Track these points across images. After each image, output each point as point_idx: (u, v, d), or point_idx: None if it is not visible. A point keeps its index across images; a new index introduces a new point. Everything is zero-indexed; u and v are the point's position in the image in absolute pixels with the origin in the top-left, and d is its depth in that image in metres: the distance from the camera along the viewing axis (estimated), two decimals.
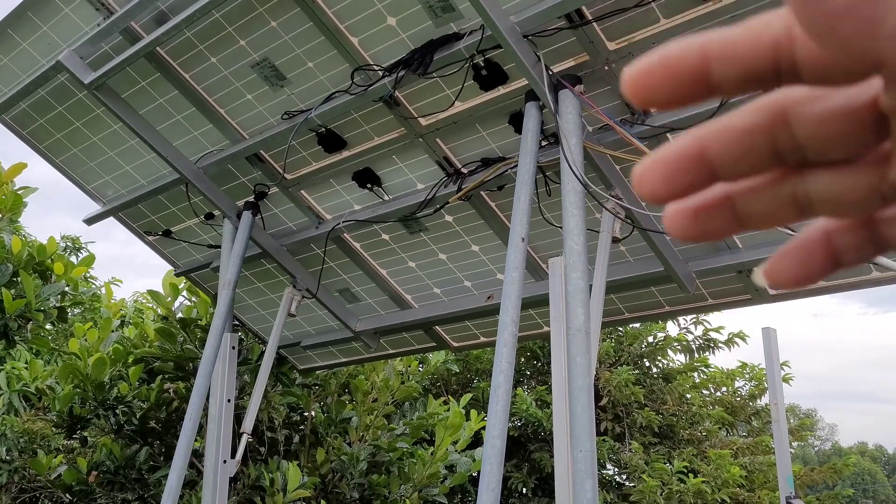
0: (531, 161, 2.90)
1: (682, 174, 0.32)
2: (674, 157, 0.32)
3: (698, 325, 10.15)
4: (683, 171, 0.32)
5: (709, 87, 0.31)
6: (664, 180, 0.32)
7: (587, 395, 2.53)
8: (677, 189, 0.32)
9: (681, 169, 0.32)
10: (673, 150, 0.32)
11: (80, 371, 5.24)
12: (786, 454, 3.86)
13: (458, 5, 2.96)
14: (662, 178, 0.32)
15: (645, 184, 0.32)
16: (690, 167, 0.32)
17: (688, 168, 0.32)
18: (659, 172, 0.32)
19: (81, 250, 11.13)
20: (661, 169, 0.32)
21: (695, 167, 0.32)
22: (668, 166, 0.32)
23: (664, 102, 0.31)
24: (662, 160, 0.32)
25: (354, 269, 4.37)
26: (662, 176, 0.32)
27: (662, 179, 0.32)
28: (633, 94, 0.31)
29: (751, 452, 9.86)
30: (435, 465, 5.98)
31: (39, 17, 3.60)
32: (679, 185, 0.32)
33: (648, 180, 0.32)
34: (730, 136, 0.31)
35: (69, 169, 4.36)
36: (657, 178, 0.32)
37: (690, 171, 0.32)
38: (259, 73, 3.50)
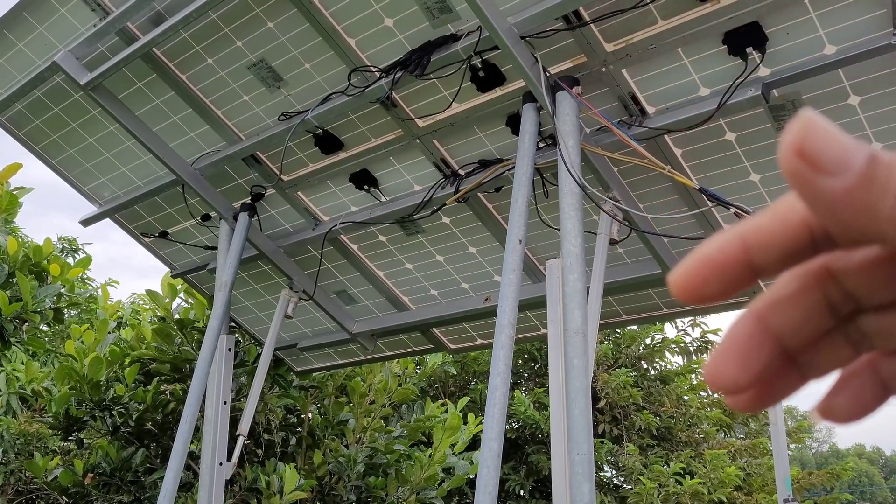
0: (528, 163, 2.89)
1: (756, 355, 0.32)
2: (742, 340, 0.32)
3: (696, 328, 10.16)
4: (756, 352, 0.32)
5: (753, 274, 0.32)
6: (740, 366, 0.32)
7: (584, 398, 2.52)
8: (755, 372, 0.32)
9: (752, 352, 0.32)
10: (737, 334, 0.32)
11: (77, 372, 5.22)
12: (784, 456, 3.85)
13: (455, 6, 2.95)
14: (738, 364, 0.32)
15: (723, 378, 0.32)
16: (760, 347, 0.32)
17: (759, 347, 0.32)
18: (733, 360, 0.32)
19: (78, 251, 11.11)
20: (734, 356, 0.32)
21: (764, 345, 0.32)
22: (740, 352, 0.32)
23: (715, 297, 0.32)
24: (730, 349, 0.32)
25: (351, 270, 4.36)
26: (738, 363, 0.32)
27: (738, 369, 0.32)
28: (684, 295, 0.32)
29: (748, 454, 9.86)
30: (433, 467, 5.97)
31: (35, 17, 3.59)
32: (755, 368, 0.32)
33: (726, 374, 0.32)
34: (785, 304, 0.32)
35: (65, 170, 4.34)
36: (733, 370, 0.32)
37: (762, 349, 0.32)
38: (256, 75, 3.49)
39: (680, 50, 2.79)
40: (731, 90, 2.74)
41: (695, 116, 2.86)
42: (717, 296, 0.32)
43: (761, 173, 3.08)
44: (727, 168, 3.11)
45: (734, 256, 0.32)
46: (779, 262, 0.32)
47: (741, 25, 2.63)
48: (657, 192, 3.31)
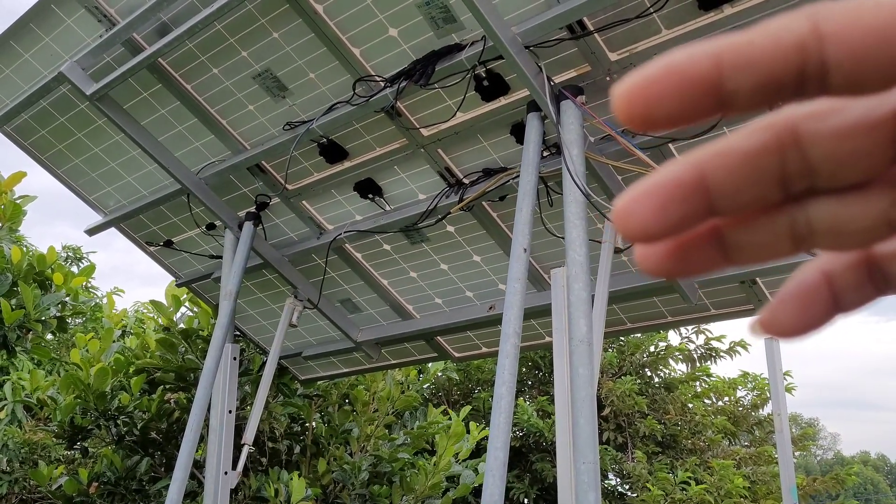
0: (533, 171, 2.90)
1: (678, 205, 0.27)
2: (669, 185, 0.27)
3: (700, 335, 10.15)
4: (679, 202, 0.27)
5: (720, 101, 0.26)
6: (656, 213, 0.27)
7: (590, 407, 2.52)
8: (671, 223, 0.28)
9: (676, 199, 0.27)
10: (668, 178, 0.28)
11: (82, 381, 5.23)
12: (789, 465, 3.84)
13: (459, 16, 2.96)
14: (655, 210, 0.27)
15: (633, 218, 0.27)
16: (687, 197, 0.27)
17: (684, 198, 0.27)
18: (651, 204, 0.27)
19: (83, 260, 11.13)
20: (654, 199, 0.27)
21: (692, 197, 0.27)
22: (661, 196, 0.27)
23: (666, 119, 0.27)
24: (655, 189, 0.28)
25: (356, 279, 4.37)
26: (656, 207, 0.27)
27: (655, 212, 0.27)
28: (628, 110, 0.27)
29: (753, 462, 9.83)
30: (437, 475, 5.96)
31: (42, 28, 3.61)
32: (673, 219, 0.28)
33: (638, 214, 0.27)
34: (732, 161, 0.27)
35: (71, 180, 4.36)
36: (649, 211, 0.27)
37: (687, 201, 0.27)
38: (261, 84, 3.50)
39: None
40: None
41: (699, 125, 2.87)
42: (667, 119, 0.27)
43: None
44: None
45: (703, 71, 0.26)
46: (753, 91, 0.26)
47: None
48: None
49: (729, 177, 0.27)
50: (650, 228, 0.28)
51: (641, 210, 0.27)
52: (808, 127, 0.27)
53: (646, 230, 0.28)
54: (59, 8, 3.51)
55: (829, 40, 0.26)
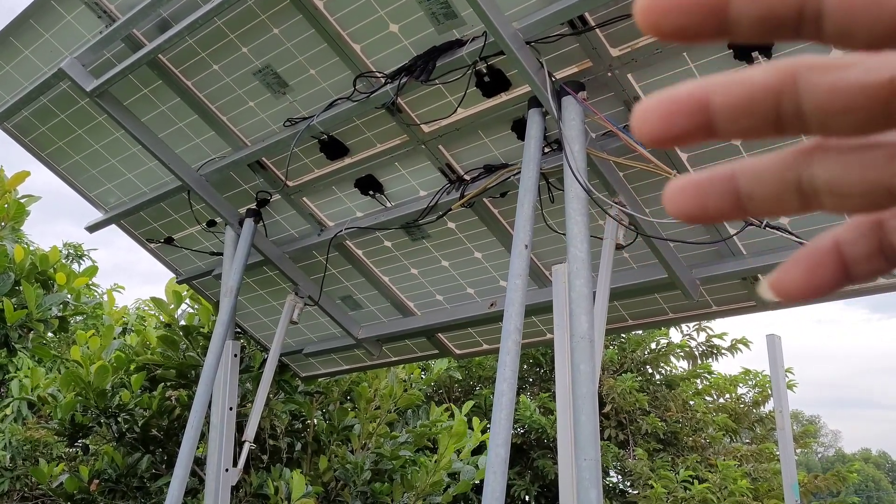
0: (534, 168, 2.89)
1: (682, 117, 0.31)
2: (677, 98, 0.31)
3: (701, 332, 10.14)
4: (684, 115, 0.31)
5: (724, 24, 0.30)
6: (663, 120, 0.31)
7: (591, 403, 2.52)
8: (674, 131, 0.31)
9: (682, 112, 0.31)
10: (677, 93, 0.31)
11: (82, 379, 5.23)
12: (791, 462, 3.84)
13: (460, 12, 2.95)
14: (663, 117, 0.31)
15: (644, 123, 0.31)
16: (692, 111, 0.31)
17: (689, 112, 0.31)
18: (660, 112, 0.31)
19: (84, 258, 11.13)
20: (663, 110, 0.31)
21: (696, 112, 0.31)
22: (669, 107, 0.31)
23: (674, 31, 0.30)
24: (665, 101, 0.31)
25: (357, 276, 4.36)
26: (663, 116, 0.31)
27: (662, 119, 0.31)
28: (644, 16, 0.30)
29: (755, 460, 9.83)
30: (438, 473, 5.96)
31: (42, 24, 3.60)
32: (677, 128, 0.31)
33: (648, 120, 0.31)
34: (735, 89, 0.30)
35: (71, 176, 4.35)
36: (657, 118, 0.31)
37: (691, 115, 0.31)
38: (261, 81, 3.49)
39: (685, 55, 2.78)
40: None
41: None
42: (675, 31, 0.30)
43: None
44: None
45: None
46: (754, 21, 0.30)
47: None
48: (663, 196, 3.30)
49: (729, 102, 0.30)
50: (656, 132, 0.31)
51: (652, 116, 0.31)
52: (809, 77, 0.30)
53: (653, 133, 0.31)
54: (59, 4, 3.50)
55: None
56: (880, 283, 3.31)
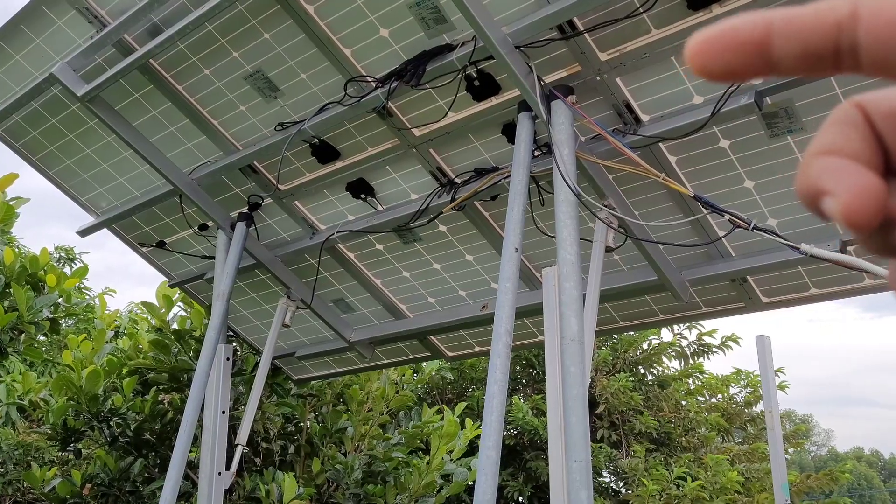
0: (524, 171, 2.91)
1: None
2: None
3: (692, 330, 10.17)
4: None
5: (769, 62, 0.31)
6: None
7: (582, 405, 2.54)
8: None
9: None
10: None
11: (74, 383, 5.22)
12: (781, 462, 3.87)
13: (450, 17, 2.97)
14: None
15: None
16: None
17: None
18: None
19: (76, 261, 11.11)
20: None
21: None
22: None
23: (723, 72, 0.31)
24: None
25: (349, 279, 4.37)
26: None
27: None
28: (694, 60, 0.31)
29: (747, 459, 9.87)
30: (431, 474, 5.97)
31: (32, 29, 3.60)
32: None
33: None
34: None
35: (63, 181, 4.35)
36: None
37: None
38: (252, 85, 3.50)
39: (673, 59, 2.81)
40: (724, 98, 2.76)
41: (689, 124, 2.88)
42: (724, 72, 0.31)
43: (755, 180, 3.10)
44: (721, 175, 3.13)
45: (757, 36, 0.30)
46: (796, 59, 0.30)
47: None
48: (652, 199, 3.33)
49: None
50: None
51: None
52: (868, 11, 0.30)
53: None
54: (50, 9, 3.51)
55: (862, 23, 0.29)
56: (871, 284, 3.34)
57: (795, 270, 3.40)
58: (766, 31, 0.30)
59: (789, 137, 2.92)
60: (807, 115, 2.83)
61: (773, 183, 3.08)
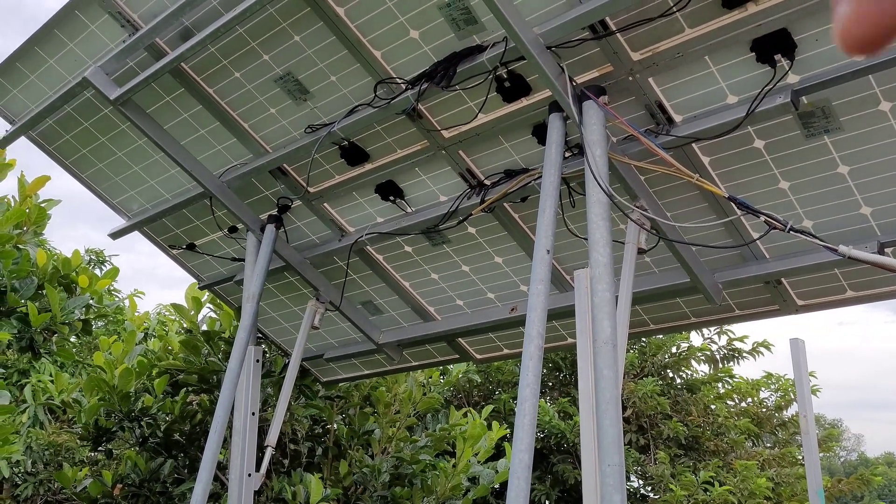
0: (556, 173, 2.89)
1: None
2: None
3: (722, 335, 10.06)
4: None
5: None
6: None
7: (615, 409, 2.51)
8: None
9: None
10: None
11: (106, 384, 5.27)
12: (816, 468, 3.80)
13: (481, 17, 2.96)
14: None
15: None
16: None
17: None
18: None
19: (105, 263, 11.23)
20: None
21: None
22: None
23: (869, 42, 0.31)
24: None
25: (377, 281, 4.37)
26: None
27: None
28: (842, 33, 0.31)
29: (777, 464, 9.74)
30: (457, 476, 5.95)
31: (66, 34, 3.64)
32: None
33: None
34: None
35: (95, 184, 4.40)
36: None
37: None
38: (282, 88, 3.51)
39: (707, 58, 2.77)
40: (759, 97, 2.72)
41: (723, 124, 2.85)
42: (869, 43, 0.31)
43: (791, 181, 3.05)
44: (756, 176, 3.08)
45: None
46: None
47: (770, 32, 2.61)
48: (685, 200, 3.29)
49: None
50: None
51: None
52: None
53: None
54: (83, 13, 3.54)
55: None
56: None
57: (831, 273, 3.34)
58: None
59: (826, 137, 2.87)
60: (844, 115, 2.78)
61: (810, 184, 3.03)
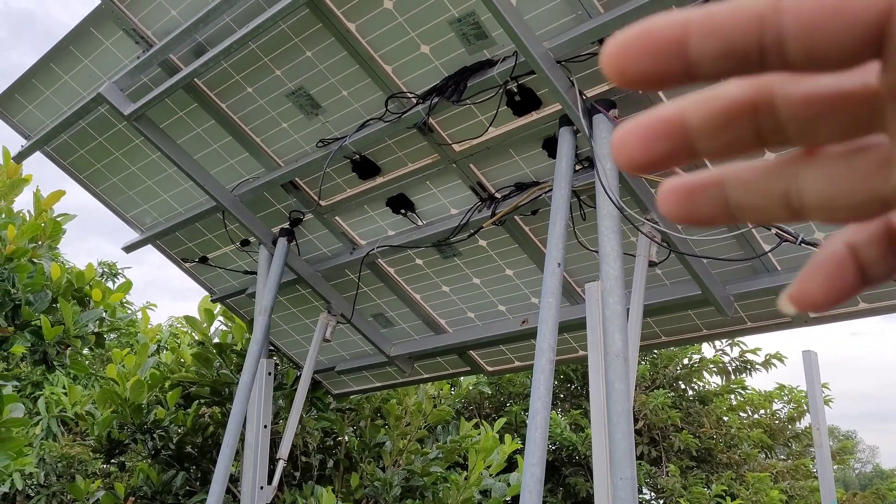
0: (566, 186, 2.90)
1: (661, 141, 0.30)
2: (653, 123, 0.30)
3: (734, 347, 10.02)
4: (663, 139, 0.30)
5: (688, 64, 0.29)
6: (642, 146, 0.30)
7: (626, 422, 2.51)
8: (655, 157, 0.30)
9: (660, 136, 0.30)
10: (653, 116, 0.30)
11: (119, 396, 5.30)
12: (829, 479, 3.78)
13: (491, 32, 2.98)
14: (641, 143, 0.30)
15: (623, 150, 0.31)
16: (669, 134, 0.30)
17: (667, 135, 0.30)
18: (637, 138, 0.30)
19: (118, 276, 11.29)
20: (640, 135, 0.30)
21: (674, 135, 0.30)
22: (646, 132, 0.30)
23: (640, 78, 0.29)
24: (642, 126, 0.30)
25: (388, 294, 4.38)
26: (641, 142, 0.30)
27: (641, 145, 0.30)
28: (610, 67, 0.29)
29: (791, 477, 9.67)
30: (469, 489, 5.94)
31: (81, 50, 3.69)
32: (657, 153, 0.30)
33: (627, 146, 0.31)
34: (711, 106, 0.30)
35: (109, 198, 4.44)
36: (635, 144, 0.30)
37: (670, 138, 0.30)
38: (294, 102, 3.54)
39: None
40: None
41: None
42: (641, 78, 0.29)
43: None
44: None
45: (673, 35, 0.28)
46: (716, 57, 0.28)
47: None
48: None
49: (706, 120, 0.30)
50: (636, 159, 0.31)
51: (630, 143, 0.30)
52: (783, 88, 0.29)
53: (632, 160, 0.31)
54: (98, 31, 3.59)
55: (786, 12, 0.27)
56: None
57: None
58: (682, 30, 0.28)
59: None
60: None
61: None
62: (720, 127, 0.30)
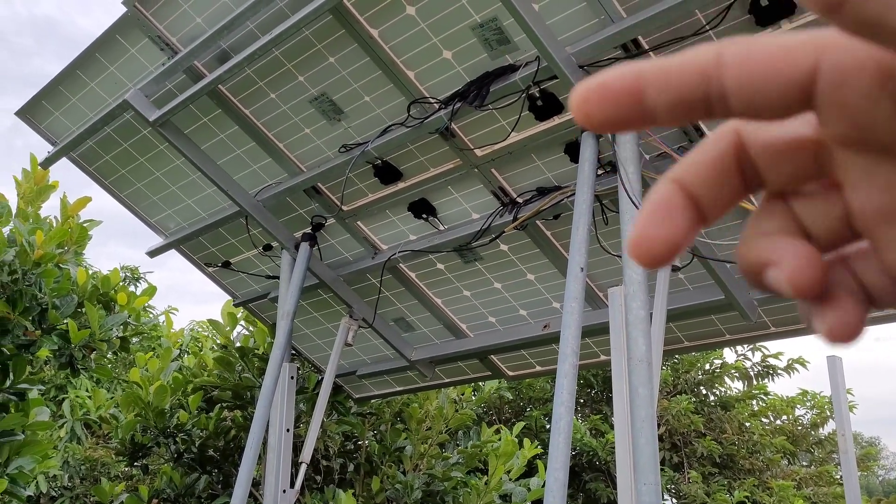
0: (588, 190, 2.90)
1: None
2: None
3: (756, 352, 9.94)
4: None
5: (644, 113, 0.31)
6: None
7: (650, 427, 2.50)
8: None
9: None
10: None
11: (142, 400, 5.35)
12: (855, 487, 3.74)
13: (513, 37, 2.99)
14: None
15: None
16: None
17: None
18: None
19: (140, 280, 11.40)
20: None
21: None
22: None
23: (604, 122, 0.32)
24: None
25: (410, 298, 4.39)
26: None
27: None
28: (578, 112, 0.32)
29: (814, 483, 9.57)
30: (489, 494, 5.93)
31: (107, 58, 3.74)
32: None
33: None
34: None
35: (133, 203, 4.48)
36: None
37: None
38: (317, 108, 3.57)
39: None
40: None
41: None
42: (604, 124, 0.31)
43: None
44: None
45: (628, 88, 0.31)
46: (669, 108, 0.30)
47: None
48: None
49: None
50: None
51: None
52: (748, 133, 0.32)
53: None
54: (124, 38, 3.63)
55: (727, 68, 0.29)
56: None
57: None
58: (636, 82, 0.31)
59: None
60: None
61: None
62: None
